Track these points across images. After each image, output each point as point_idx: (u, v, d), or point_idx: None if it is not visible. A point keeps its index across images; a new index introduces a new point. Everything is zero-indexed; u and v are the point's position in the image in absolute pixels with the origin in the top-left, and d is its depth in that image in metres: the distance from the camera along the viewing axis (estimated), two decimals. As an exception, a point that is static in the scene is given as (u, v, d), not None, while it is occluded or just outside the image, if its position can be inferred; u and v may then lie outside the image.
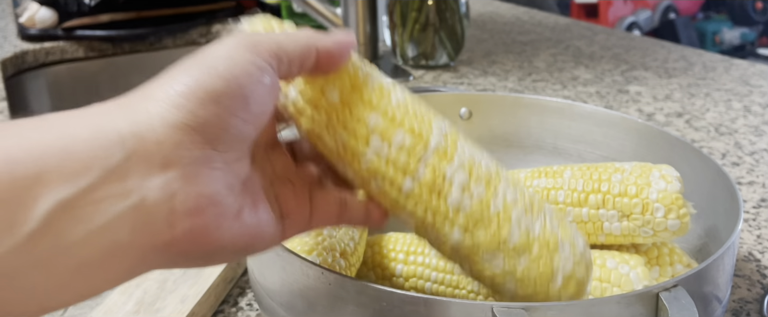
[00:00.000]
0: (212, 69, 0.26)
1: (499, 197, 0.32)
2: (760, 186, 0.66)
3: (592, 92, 0.94)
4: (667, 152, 0.50)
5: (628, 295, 0.32)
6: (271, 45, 0.28)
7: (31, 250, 0.21)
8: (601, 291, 0.40)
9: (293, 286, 0.36)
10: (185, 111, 0.25)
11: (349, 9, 1.04)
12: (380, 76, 0.34)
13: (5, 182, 0.21)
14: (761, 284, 0.51)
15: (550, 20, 1.39)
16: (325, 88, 0.32)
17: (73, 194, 0.22)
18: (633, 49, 1.16)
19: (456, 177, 0.32)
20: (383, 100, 0.32)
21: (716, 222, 0.45)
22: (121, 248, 0.23)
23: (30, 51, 1.17)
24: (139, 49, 1.28)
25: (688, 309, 0.31)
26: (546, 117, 0.58)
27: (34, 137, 0.22)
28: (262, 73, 0.27)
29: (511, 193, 0.33)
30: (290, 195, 0.32)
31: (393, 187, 0.32)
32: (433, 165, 0.32)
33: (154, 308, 0.45)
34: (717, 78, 1.00)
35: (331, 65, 0.31)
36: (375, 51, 1.07)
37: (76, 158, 0.22)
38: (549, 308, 0.31)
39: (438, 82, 0.97)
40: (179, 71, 0.26)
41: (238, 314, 0.48)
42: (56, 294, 0.23)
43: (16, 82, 1.15)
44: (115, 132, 0.23)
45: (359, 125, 0.32)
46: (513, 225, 0.32)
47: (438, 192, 0.32)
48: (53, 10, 1.19)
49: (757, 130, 0.80)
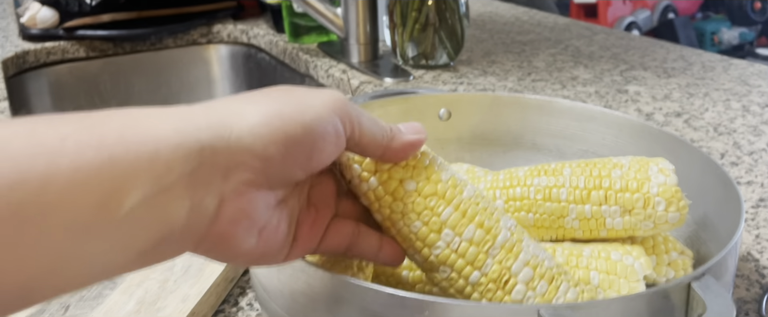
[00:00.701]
0: (300, 115, 0.29)
1: (560, 296, 0.35)
2: (759, 186, 0.66)
3: (591, 92, 0.94)
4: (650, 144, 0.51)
5: (663, 288, 0.33)
6: (354, 118, 0.32)
7: (115, 232, 0.25)
8: (609, 283, 0.41)
9: (294, 286, 0.36)
10: (260, 143, 0.28)
11: (349, 9, 1.04)
12: (451, 169, 0.37)
13: (104, 176, 0.24)
14: (760, 284, 0.51)
15: (549, 20, 1.39)
16: (404, 179, 0.35)
17: (155, 191, 0.25)
18: (632, 48, 1.16)
19: (521, 273, 0.35)
20: (456, 193, 0.35)
21: (706, 211, 0.46)
22: (173, 235, 0.27)
23: (31, 51, 1.17)
24: (140, 48, 1.28)
25: (722, 297, 0.32)
26: (525, 114, 0.58)
27: (130, 137, 0.25)
28: (337, 137, 0.31)
29: (572, 293, 0.36)
30: (309, 221, 0.34)
31: (461, 277, 0.35)
32: (500, 259, 0.35)
33: (155, 307, 0.45)
34: (716, 78, 1.00)
35: (402, 156, 0.35)
36: (375, 51, 1.07)
37: (163, 161, 0.25)
38: (593, 306, 0.33)
39: (438, 81, 0.97)
40: (275, 100, 0.29)
41: (239, 314, 0.48)
42: (117, 267, 0.26)
43: (18, 82, 1.15)
44: (197, 142, 0.26)
45: (433, 216, 0.35)
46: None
47: (504, 285, 0.35)
48: (54, 10, 1.19)
49: (755, 130, 0.81)
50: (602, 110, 0.55)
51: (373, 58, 1.07)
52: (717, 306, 0.32)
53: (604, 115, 0.55)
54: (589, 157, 0.53)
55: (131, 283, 0.48)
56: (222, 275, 0.49)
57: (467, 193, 0.36)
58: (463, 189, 0.36)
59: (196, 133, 0.27)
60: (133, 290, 0.47)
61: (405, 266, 0.46)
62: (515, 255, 0.35)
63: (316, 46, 1.16)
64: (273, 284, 0.38)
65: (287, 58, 1.19)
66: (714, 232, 0.45)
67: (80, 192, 0.23)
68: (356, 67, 1.04)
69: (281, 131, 0.28)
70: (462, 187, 0.36)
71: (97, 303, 0.46)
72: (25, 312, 0.44)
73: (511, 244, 0.35)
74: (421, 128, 0.36)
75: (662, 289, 0.33)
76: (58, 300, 0.45)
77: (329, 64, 1.07)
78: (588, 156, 0.55)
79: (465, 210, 0.35)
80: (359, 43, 1.05)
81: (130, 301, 0.46)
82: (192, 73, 1.35)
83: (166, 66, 1.32)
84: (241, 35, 1.33)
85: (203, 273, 0.49)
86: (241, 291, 0.50)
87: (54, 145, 0.24)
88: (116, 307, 0.45)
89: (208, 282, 0.48)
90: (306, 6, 1.05)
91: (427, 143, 0.37)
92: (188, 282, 0.48)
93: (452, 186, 0.36)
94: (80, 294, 0.46)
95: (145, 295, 0.47)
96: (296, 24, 1.14)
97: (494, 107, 0.59)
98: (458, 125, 0.59)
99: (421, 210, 0.35)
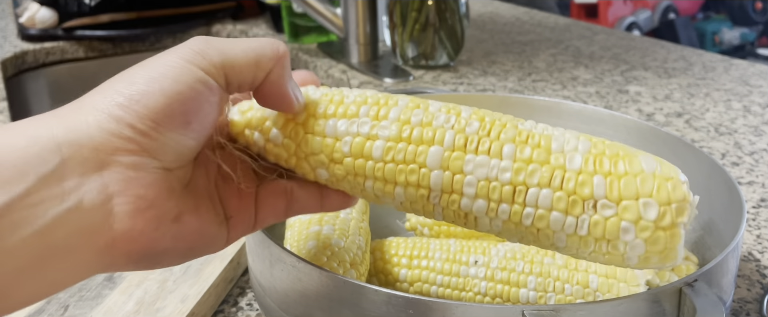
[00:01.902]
0: (155, 83, 0.26)
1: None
2: (760, 186, 0.66)
3: (592, 92, 0.94)
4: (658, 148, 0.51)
5: (653, 292, 0.33)
6: (218, 56, 0.28)
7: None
8: (607, 286, 0.41)
9: (293, 286, 0.36)
10: (123, 123, 0.25)
11: (349, 9, 1.04)
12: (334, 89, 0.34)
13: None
14: (761, 284, 0.51)
15: (549, 20, 1.39)
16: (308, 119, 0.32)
17: (7, 200, 0.22)
18: (633, 49, 1.16)
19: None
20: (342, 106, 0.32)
21: (712, 216, 0.46)
22: (59, 251, 0.24)
23: (30, 51, 1.17)
24: (139, 49, 1.28)
25: (712, 302, 0.32)
26: (533, 116, 0.58)
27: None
28: (208, 89, 0.27)
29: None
30: (234, 194, 0.32)
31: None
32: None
33: (154, 307, 0.45)
34: (717, 78, 1.00)
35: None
36: (375, 51, 1.07)
37: (10, 166, 0.23)
38: (579, 308, 0.31)
39: (438, 82, 0.97)
40: (122, 81, 0.26)
41: (238, 314, 0.48)
42: (7, 302, 0.23)
43: (17, 82, 1.15)
44: (51, 140, 0.24)
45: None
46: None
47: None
48: (53, 10, 1.19)
49: (756, 130, 0.81)
50: (611, 113, 0.54)
51: (372, 58, 1.06)
52: (708, 312, 0.31)
53: (612, 118, 0.54)
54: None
55: (130, 283, 0.47)
56: (221, 275, 0.49)
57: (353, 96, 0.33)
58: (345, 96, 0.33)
59: (47, 132, 0.24)
60: (132, 290, 0.47)
61: (403, 265, 0.46)
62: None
63: (315, 46, 1.15)
64: (272, 284, 0.38)
65: (287, 58, 1.18)
66: (719, 238, 0.45)
67: None
68: (356, 67, 1.04)
69: (141, 106, 0.25)
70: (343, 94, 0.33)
71: (96, 303, 0.45)
72: (23, 312, 0.44)
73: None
74: (312, 76, 0.33)
75: (652, 293, 0.32)
76: (57, 300, 0.45)
77: (329, 64, 1.07)
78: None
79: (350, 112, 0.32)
80: (359, 43, 1.05)
81: (129, 301, 0.46)
82: (192, 73, 1.35)
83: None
84: (241, 35, 1.33)
85: (202, 273, 0.48)
86: (240, 292, 0.50)
87: None
88: (115, 307, 0.45)
89: (207, 282, 0.47)
90: (305, 6, 1.05)
91: None
92: (187, 282, 0.47)
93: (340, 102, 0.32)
94: (80, 293, 0.46)
95: (145, 295, 0.46)
96: (296, 24, 1.14)
97: (501, 108, 0.58)
98: None
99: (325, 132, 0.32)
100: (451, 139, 0.30)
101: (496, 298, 0.44)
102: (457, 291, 0.44)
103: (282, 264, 0.36)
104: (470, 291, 0.44)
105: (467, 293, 0.44)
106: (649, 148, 0.52)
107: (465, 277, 0.44)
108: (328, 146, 0.31)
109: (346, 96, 0.33)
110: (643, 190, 0.29)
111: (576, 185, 0.29)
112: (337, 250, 0.40)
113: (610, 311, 0.32)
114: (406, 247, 0.46)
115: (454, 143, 0.30)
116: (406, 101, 0.32)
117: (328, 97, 0.32)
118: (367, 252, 0.44)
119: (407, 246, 0.46)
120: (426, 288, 0.45)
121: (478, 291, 0.44)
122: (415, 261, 0.46)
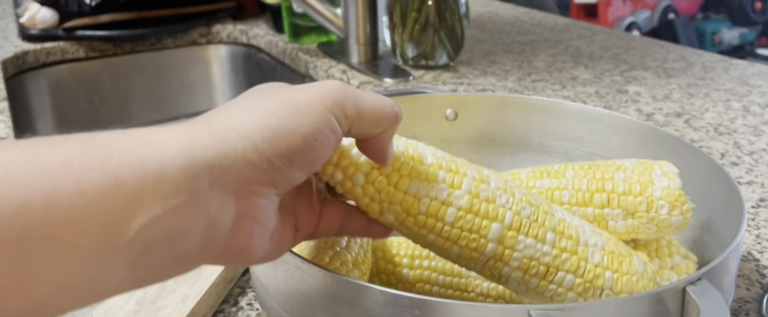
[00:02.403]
0: (299, 126, 0.29)
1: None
2: (759, 186, 0.66)
3: (592, 92, 0.94)
4: (657, 148, 0.51)
5: (657, 291, 0.33)
6: (353, 110, 0.32)
7: (123, 254, 0.25)
8: None
9: (294, 286, 0.36)
10: (264, 158, 0.29)
11: (349, 9, 1.04)
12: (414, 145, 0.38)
13: (109, 198, 0.24)
14: (760, 283, 0.51)
15: (549, 20, 1.39)
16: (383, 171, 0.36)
17: (163, 212, 0.25)
18: (632, 49, 1.16)
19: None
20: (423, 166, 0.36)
21: (711, 215, 0.46)
22: (188, 254, 0.27)
23: (31, 51, 1.17)
24: (139, 49, 1.28)
25: (716, 301, 0.32)
26: (531, 115, 0.58)
27: (134, 159, 0.25)
28: (336, 138, 0.31)
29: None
30: (305, 209, 0.35)
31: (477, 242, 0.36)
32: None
33: (154, 307, 0.45)
34: (716, 78, 1.00)
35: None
36: (375, 51, 1.07)
37: (170, 183, 0.26)
38: (584, 307, 0.33)
39: (438, 82, 0.97)
40: (269, 113, 0.29)
41: (239, 313, 0.48)
42: (129, 285, 0.26)
43: (17, 82, 1.15)
44: (204, 162, 0.27)
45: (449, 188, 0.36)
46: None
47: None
48: (54, 10, 1.19)
49: (756, 130, 0.81)
50: (610, 113, 0.54)
51: (372, 58, 1.07)
52: (712, 311, 0.32)
53: (611, 118, 0.54)
54: (595, 159, 0.53)
55: (131, 283, 0.48)
56: (221, 275, 0.49)
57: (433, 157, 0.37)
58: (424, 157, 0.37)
59: (202, 154, 0.27)
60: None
61: (405, 265, 0.46)
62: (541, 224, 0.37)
63: (315, 46, 1.16)
64: (272, 283, 0.38)
65: (287, 58, 1.18)
66: (718, 237, 0.45)
67: (85, 216, 0.23)
68: (356, 67, 1.04)
69: (283, 145, 0.29)
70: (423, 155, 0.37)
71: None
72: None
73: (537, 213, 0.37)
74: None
75: (656, 293, 0.33)
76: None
77: (329, 65, 1.07)
78: (594, 158, 0.54)
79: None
80: (359, 43, 1.05)
81: (129, 301, 0.46)
82: (191, 73, 1.35)
83: (166, 66, 1.32)
84: (241, 35, 1.33)
85: (203, 273, 0.48)
86: (240, 291, 0.50)
87: (57, 167, 0.23)
88: (116, 307, 0.45)
89: (207, 282, 0.48)
90: (306, 6, 1.05)
91: (434, 143, 0.38)
92: (188, 282, 0.48)
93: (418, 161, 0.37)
94: (80, 294, 0.46)
95: (145, 295, 0.47)
96: (296, 24, 1.14)
97: (501, 108, 0.59)
98: (465, 126, 0.59)
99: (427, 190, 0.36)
100: (510, 220, 0.36)
101: (499, 299, 0.44)
102: (459, 291, 0.44)
103: (285, 265, 0.36)
104: (472, 292, 0.44)
105: (469, 294, 0.44)
106: (649, 148, 0.52)
107: (467, 278, 0.44)
108: (408, 202, 0.36)
109: (424, 155, 0.37)
110: (636, 288, 0.36)
111: (593, 277, 0.36)
112: (339, 250, 0.41)
113: (615, 310, 0.32)
114: (408, 247, 0.46)
115: (512, 223, 0.36)
116: (473, 173, 0.37)
117: (409, 155, 0.37)
118: (368, 252, 0.44)
119: (409, 247, 0.46)
120: (428, 289, 0.45)
121: (480, 292, 0.44)
122: (417, 262, 0.46)
